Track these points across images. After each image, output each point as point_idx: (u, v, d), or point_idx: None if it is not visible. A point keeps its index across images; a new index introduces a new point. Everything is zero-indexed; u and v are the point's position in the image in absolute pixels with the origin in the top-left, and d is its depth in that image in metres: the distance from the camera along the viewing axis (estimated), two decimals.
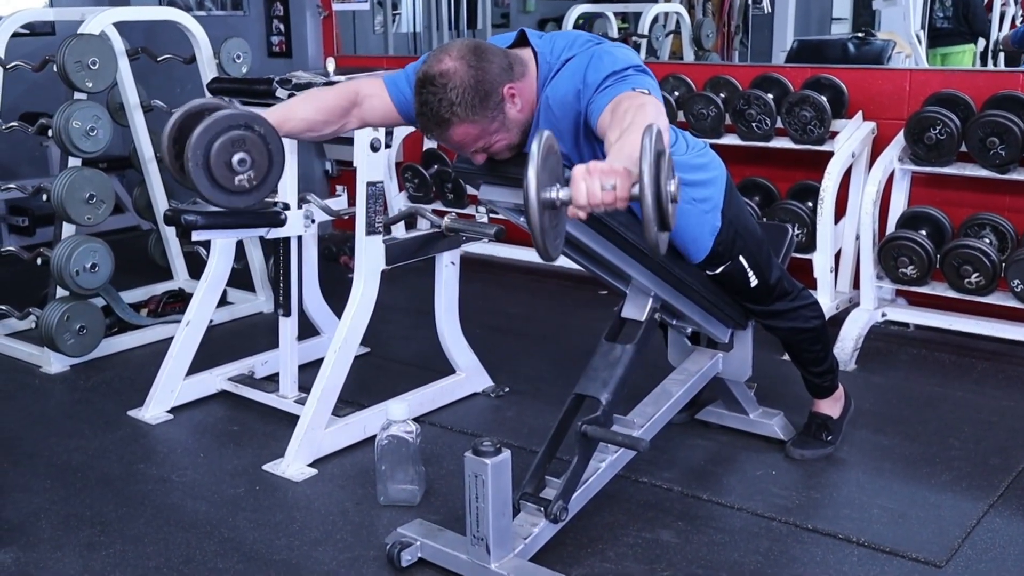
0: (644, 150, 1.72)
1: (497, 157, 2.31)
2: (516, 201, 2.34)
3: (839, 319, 3.89)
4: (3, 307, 4.06)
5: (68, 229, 3.82)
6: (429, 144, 5.26)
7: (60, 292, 3.81)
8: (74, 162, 3.80)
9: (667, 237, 1.86)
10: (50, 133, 3.77)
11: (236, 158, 2.21)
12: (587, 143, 2.28)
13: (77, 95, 3.79)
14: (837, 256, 4.12)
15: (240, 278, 4.31)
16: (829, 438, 3.05)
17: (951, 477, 2.93)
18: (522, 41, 2.36)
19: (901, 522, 2.69)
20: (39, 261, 3.84)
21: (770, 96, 4.21)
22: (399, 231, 3.73)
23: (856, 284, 4.07)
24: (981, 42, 7.06)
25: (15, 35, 4.15)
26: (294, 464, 3.02)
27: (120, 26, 4.21)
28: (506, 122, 2.23)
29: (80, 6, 5.77)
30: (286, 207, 3.29)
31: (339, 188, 3.65)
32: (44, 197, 3.79)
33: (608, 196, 1.76)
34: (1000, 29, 6.79)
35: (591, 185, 1.76)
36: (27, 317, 3.96)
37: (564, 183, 1.81)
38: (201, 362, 3.55)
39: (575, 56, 2.27)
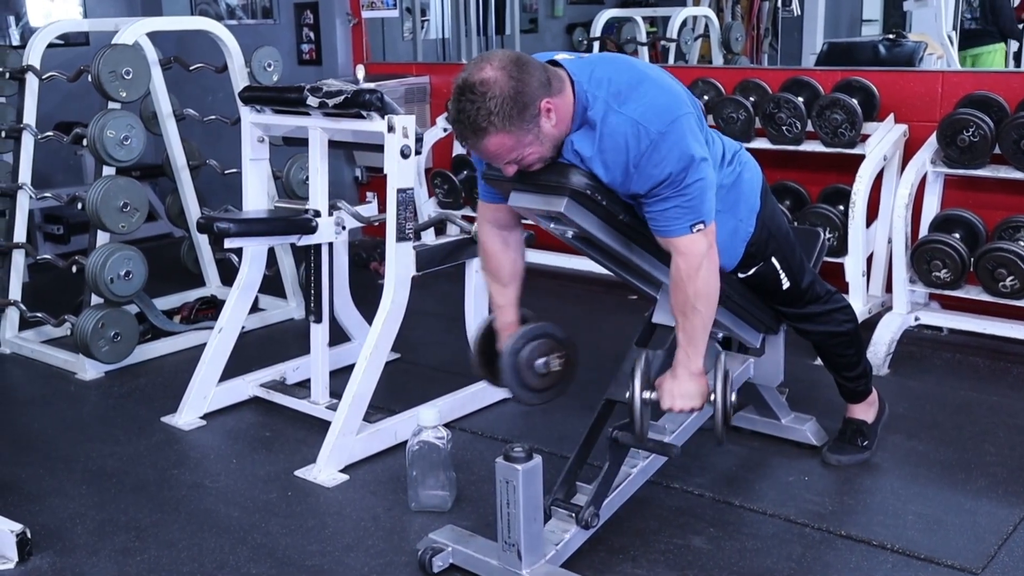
0: (717, 376, 2.37)
1: (528, 170, 2.31)
2: (545, 207, 2.34)
3: (872, 323, 3.86)
4: (39, 314, 4.11)
5: (102, 237, 3.86)
6: (458, 150, 5.27)
7: (95, 299, 3.85)
8: (108, 171, 3.84)
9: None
10: (84, 142, 3.81)
11: (539, 364, 2.51)
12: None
13: (111, 104, 3.83)
14: (869, 260, 4.08)
15: (272, 285, 4.34)
16: (865, 443, 3.03)
17: (986, 483, 2.90)
18: (554, 65, 2.34)
19: (936, 529, 2.66)
20: (74, 269, 3.89)
21: (800, 99, 4.19)
22: (429, 237, 3.74)
23: (889, 288, 4.03)
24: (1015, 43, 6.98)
25: (50, 46, 4.21)
26: (326, 470, 3.03)
27: (153, 36, 4.25)
28: (540, 136, 2.22)
29: (113, 16, 5.87)
30: (317, 214, 3.31)
31: (369, 195, 3.67)
32: (79, 206, 3.83)
33: (688, 411, 2.46)
34: None
35: (675, 405, 2.41)
36: (62, 324, 4.00)
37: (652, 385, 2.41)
38: (233, 368, 3.58)
39: (623, 97, 2.24)
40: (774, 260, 2.66)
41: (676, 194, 2.25)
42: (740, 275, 2.67)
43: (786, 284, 2.71)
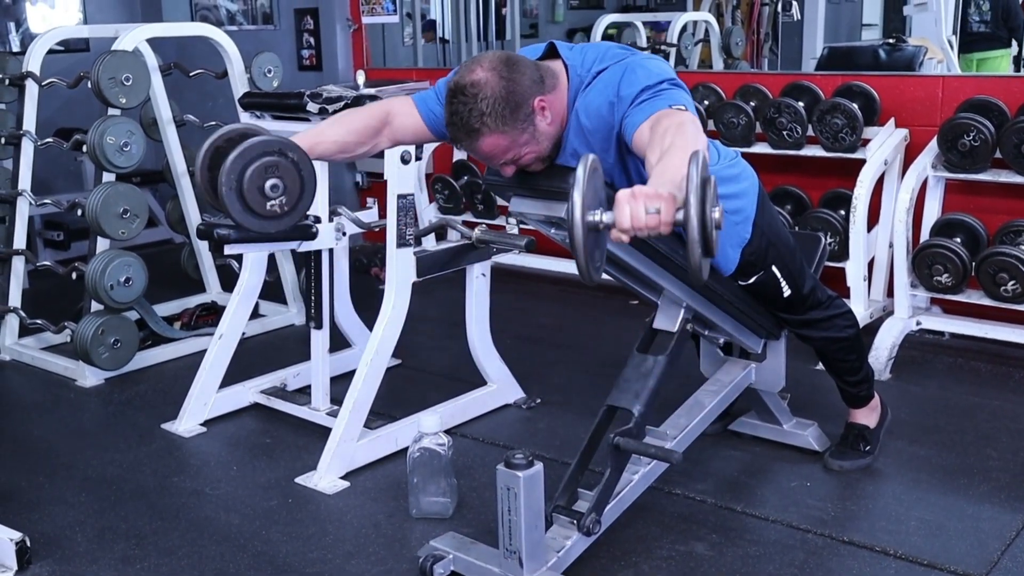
0: (690, 177, 1.73)
1: (527, 169, 2.31)
2: (546, 213, 2.34)
3: (873, 328, 3.86)
4: (39, 321, 4.10)
5: (102, 243, 3.85)
6: (459, 155, 5.27)
7: (95, 306, 3.84)
8: (108, 177, 3.83)
9: (709, 262, 1.86)
10: (84, 149, 3.81)
11: (269, 184, 2.23)
12: (627, 158, 2.27)
13: (111, 111, 3.82)
14: (870, 264, 4.08)
15: (272, 291, 4.33)
16: (867, 448, 3.02)
17: (989, 488, 2.89)
18: (552, 53, 2.35)
19: (939, 534, 2.65)
20: (74, 275, 3.88)
21: (801, 104, 4.19)
22: (430, 243, 3.73)
23: (890, 292, 4.03)
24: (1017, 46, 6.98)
25: (50, 52, 4.21)
26: (326, 477, 3.02)
27: (153, 42, 4.24)
28: (536, 134, 2.23)
29: (114, 23, 5.87)
30: (317, 220, 3.30)
31: (370, 200, 3.65)
32: (79, 212, 3.83)
33: (652, 220, 1.75)
34: None
35: (635, 209, 1.75)
36: (62, 331, 4.00)
37: (608, 206, 1.81)
38: (234, 375, 3.57)
39: (607, 68, 2.26)
40: (774, 268, 2.66)
41: (654, 96, 2.14)
42: (741, 283, 2.66)
43: (787, 292, 2.71)
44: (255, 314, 4.12)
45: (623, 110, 2.18)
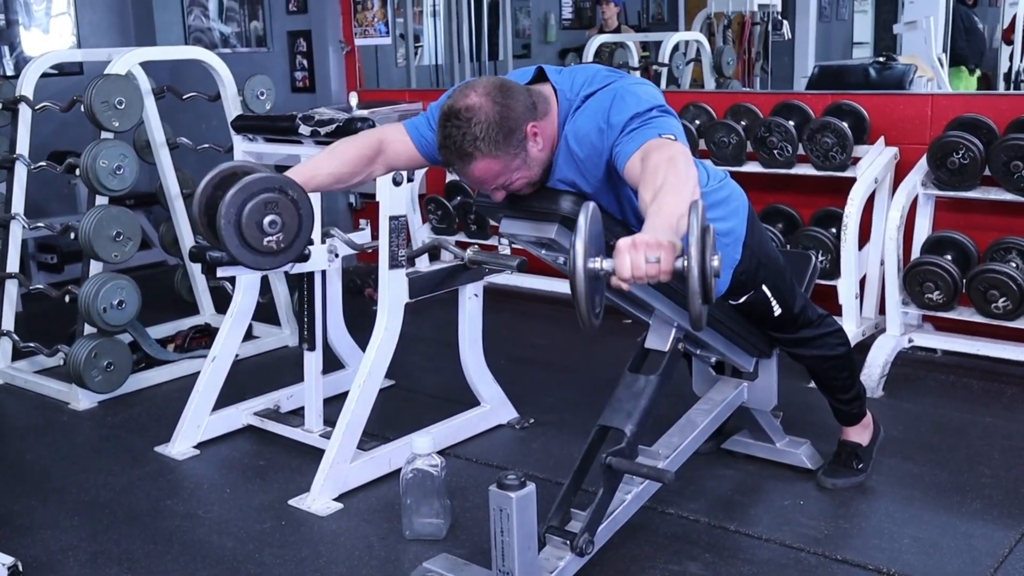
0: (691, 228, 1.77)
1: (517, 194, 2.31)
2: (536, 234, 2.34)
3: (865, 345, 3.87)
4: (32, 344, 4.10)
5: (95, 266, 3.86)
6: (452, 176, 5.29)
7: (88, 329, 3.84)
8: (101, 200, 3.84)
9: (707, 309, 1.88)
10: (78, 172, 3.82)
11: (267, 220, 2.24)
12: (618, 184, 2.28)
13: (104, 134, 3.84)
14: (862, 282, 4.09)
15: (265, 312, 4.33)
16: (860, 466, 3.02)
17: (982, 505, 2.89)
18: (540, 77, 2.36)
19: (932, 552, 2.65)
20: (67, 298, 3.88)
21: (791, 123, 4.21)
22: (423, 263, 3.74)
23: (882, 310, 4.04)
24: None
25: (44, 75, 4.23)
26: (320, 499, 3.02)
27: (146, 65, 4.26)
28: (527, 160, 2.23)
29: (107, 46, 5.89)
30: (310, 242, 3.31)
31: (363, 221, 3.67)
32: (72, 235, 3.83)
33: (652, 269, 1.77)
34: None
35: (636, 259, 1.76)
36: (55, 354, 3.99)
37: (608, 253, 1.83)
38: (227, 397, 3.57)
39: (596, 92, 2.27)
40: (765, 288, 2.67)
41: (644, 124, 2.15)
42: (732, 302, 2.67)
43: (778, 311, 2.72)
44: (249, 336, 4.12)
45: (613, 138, 2.19)
